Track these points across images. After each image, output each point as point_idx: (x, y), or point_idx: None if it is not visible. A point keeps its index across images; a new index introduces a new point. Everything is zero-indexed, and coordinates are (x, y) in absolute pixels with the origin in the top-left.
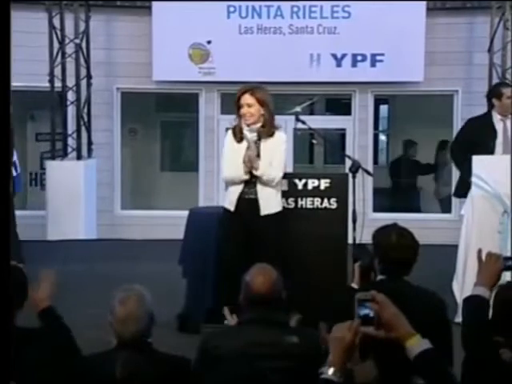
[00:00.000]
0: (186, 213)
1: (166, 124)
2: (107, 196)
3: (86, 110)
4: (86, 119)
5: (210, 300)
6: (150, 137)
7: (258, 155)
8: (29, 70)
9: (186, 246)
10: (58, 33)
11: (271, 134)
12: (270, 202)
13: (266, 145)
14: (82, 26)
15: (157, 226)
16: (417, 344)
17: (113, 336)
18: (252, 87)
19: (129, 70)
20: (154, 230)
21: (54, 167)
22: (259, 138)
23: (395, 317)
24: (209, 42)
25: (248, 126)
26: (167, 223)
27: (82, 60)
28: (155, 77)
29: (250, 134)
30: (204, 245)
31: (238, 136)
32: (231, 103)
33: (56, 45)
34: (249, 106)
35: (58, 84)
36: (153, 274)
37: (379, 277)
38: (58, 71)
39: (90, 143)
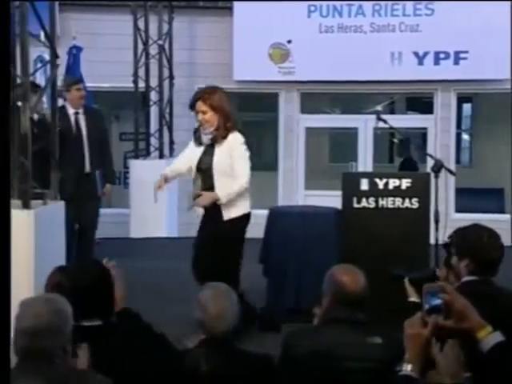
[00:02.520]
0: (265, 212)
1: (245, 123)
2: (188, 194)
3: (168, 110)
4: (168, 119)
5: (290, 299)
6: None
7: (212, 163)
8: (114, 72)
9: (267, 244)
10: (143, 34)
11: (225, 136)
12: (231, 208)
13: (220, 149)
14: (166, 28)
15: None
16: (489, 336)
17: (200, 332)
18: (204, 94)
19: (210, 70)
20: None
21: (137, 166)
22: (214, 142)
23: (466, 307)
24: (289, 42)
25: (204, 130)
26: None
27: (164, 61)
28: (236, 77)
29: (205, 138)
30: (285, 244)
31: (198, 139)
32: (311, 103)
33: (140, 46)
34: (203, 112)
35: (141, 84)
36: None
37: (466, 278)
38: (141, 72)
39: (171, 142)
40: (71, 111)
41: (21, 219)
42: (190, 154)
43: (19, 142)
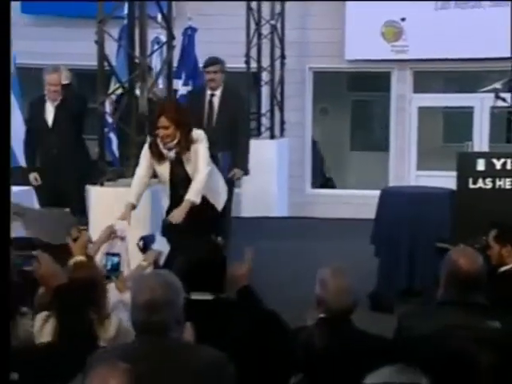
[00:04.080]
0: (375, 192)
1: (357, 103)
2: (298, 175)
3: (279, 90)
4: (278, 99)
5: (402, 280)
6: (341, 116)
7: (187, 174)
8: (227, 52)
9: (379, 225)
10: (255, 14)
11: (188, 148)
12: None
13: (189, 159)
14: (278, 8)
15: (346, 205)
16: None
17: (319, 310)
18: (165, 109)
19: (321, 49)
20: (343, 208)
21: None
22: (179, 156)
23: None
24: (403, 20)
25: (165, 145)
26: (357, 202)
27: (276, 41)
28: (347, 56)
29: (168, 153)
30: (397, 225)
31: (157, 154)
32: (424, 82)
33: (253, 26)
34: (165, 128)
35: (253, 65)
36: (343, 252)
37: None
38: (253, 52)
39: (282, 122)
40: (208, 92)
41: None
42: (149, 171)
43: (136, 121)
